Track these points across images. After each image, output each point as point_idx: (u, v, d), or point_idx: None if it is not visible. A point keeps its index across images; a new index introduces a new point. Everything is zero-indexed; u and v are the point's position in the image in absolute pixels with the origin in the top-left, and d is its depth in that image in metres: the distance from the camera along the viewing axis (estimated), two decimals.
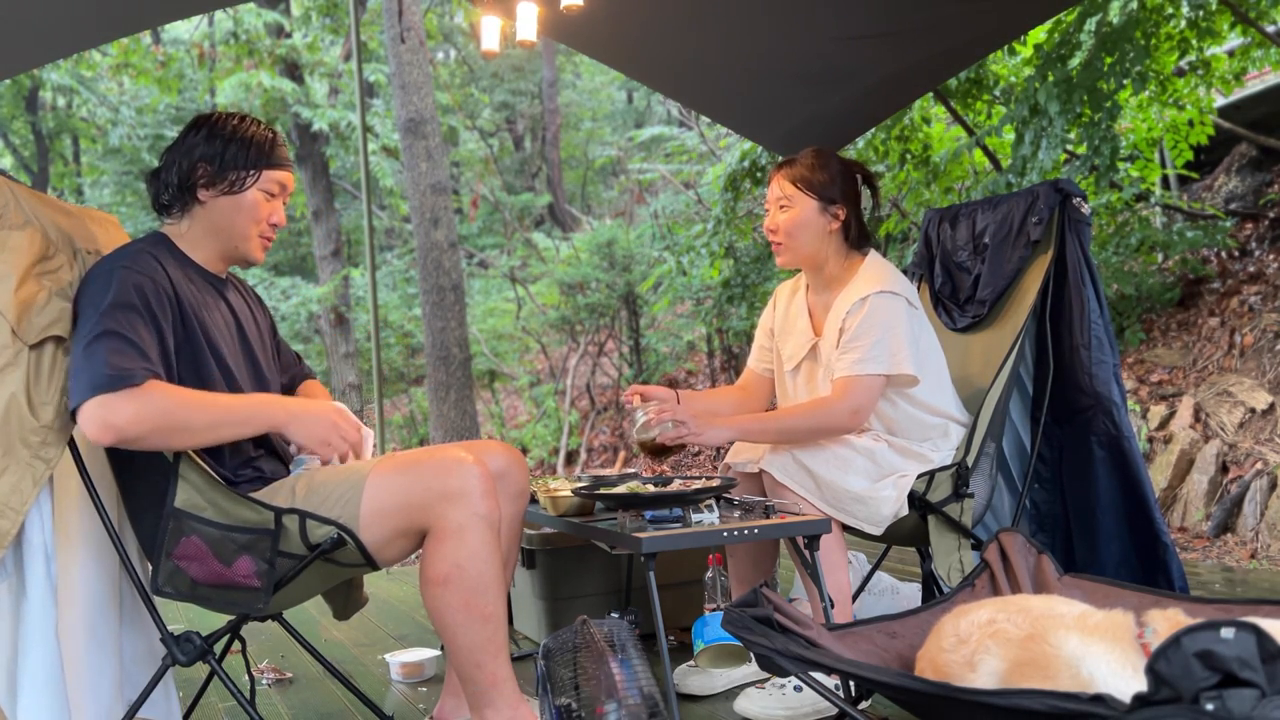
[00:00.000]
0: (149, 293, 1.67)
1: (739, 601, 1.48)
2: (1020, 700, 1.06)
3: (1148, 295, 5.52)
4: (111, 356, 1.56)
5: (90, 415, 1.54)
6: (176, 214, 1.83)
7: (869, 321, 2.15)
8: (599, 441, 9.85)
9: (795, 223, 2.27)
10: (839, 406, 2.13)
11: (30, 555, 1.65)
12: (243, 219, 1.81)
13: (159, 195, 1.83)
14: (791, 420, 2.16)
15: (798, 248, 2.29)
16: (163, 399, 1.58)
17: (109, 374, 1.55)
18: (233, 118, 1.82)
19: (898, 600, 2.71)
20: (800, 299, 2.41)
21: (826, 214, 2.27)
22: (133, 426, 1.54)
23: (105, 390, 1.54)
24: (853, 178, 2.31)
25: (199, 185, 1.79)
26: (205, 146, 1.78)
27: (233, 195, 1.80)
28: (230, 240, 1.84)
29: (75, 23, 2.61)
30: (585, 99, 17.05)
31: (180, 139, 1.82)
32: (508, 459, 1.92)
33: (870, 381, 2.13)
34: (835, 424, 2.14)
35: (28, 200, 1.73)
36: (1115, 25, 4.53)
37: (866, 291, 2.19)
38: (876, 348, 2.14)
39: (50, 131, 14.85)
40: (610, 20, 2.93)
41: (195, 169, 1.78)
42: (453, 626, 1.63)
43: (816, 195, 2.26)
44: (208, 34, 13.00)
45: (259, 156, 1.80)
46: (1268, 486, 4.03)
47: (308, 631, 2.86)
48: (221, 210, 1.81)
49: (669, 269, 8.11)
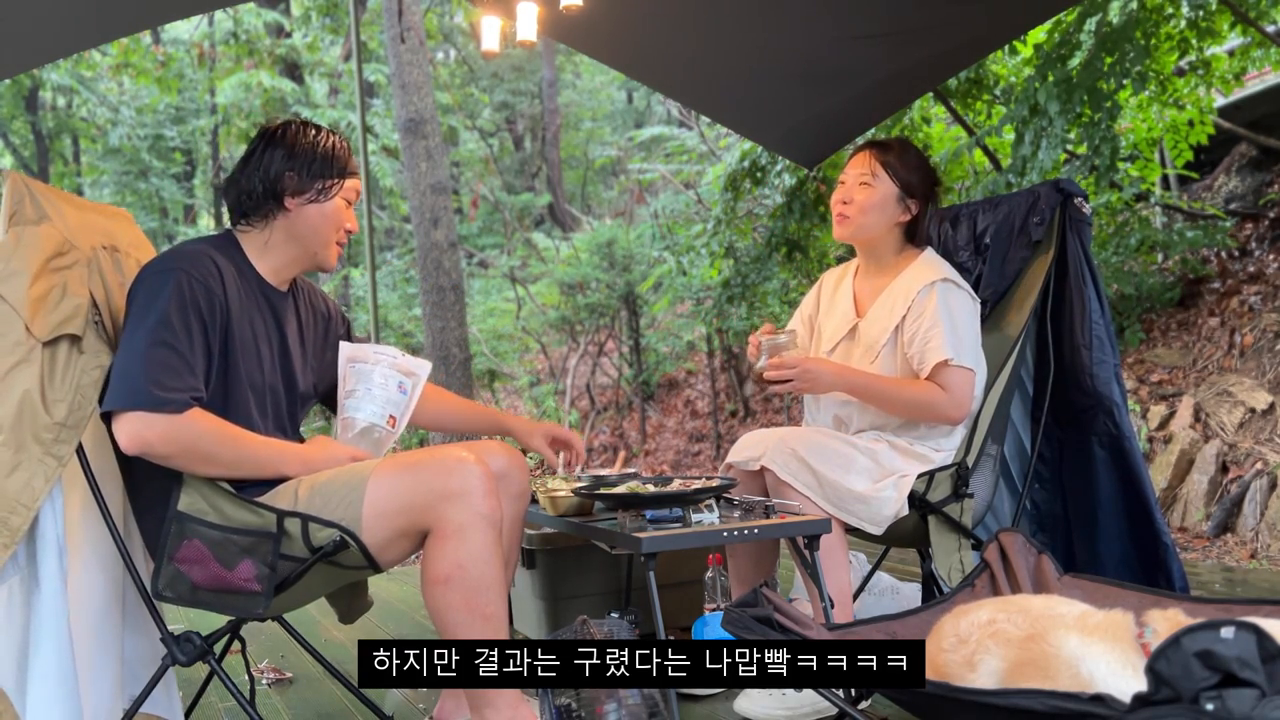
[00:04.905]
0: (202, 301, 1.68)
1: (739, 601, 1.48)
2: (1020, 700, 1.07)
3: (1148, 295, 5.52)
4: (160, 373, 1.60)
5: (125, 426, 1.59)
6: (259, 221, 1.84)
7: (943, 309, 2.19)
8: (599, 441, 9.85)
9: (872, 201, 2.30)
10: (947, 399, 2.16)
11: (43, 549, 1.64)
12: (327, 226, 1.85)
13: (241, 203, 1.83)
14: (902, 393, 2.19)
15: (866, 225, 2.32)
16: (199, 429, 1.63)
17: (154, 393, 1.59)
18: (310, 127, 1.86)
19: (898, 600, 2.71)
20: (847, 284, 2.45)
21: (902, 203, 2.32)
22: (163, 446, 1.60)
23: (146, 408, 1.58)
24: (933, 179, 2.35)
25: (286, 193, 1.81)
26: (291, 156, 1.81)
27: (319, 203, 1.83)
28: (312, 247, 1.86)
29: (75, 23, 2.61)
30: (585, 99, 17.05)
31: (260, 149, 1.83)
32: (508, 459, 1.92)
33: (968, 375, 2.18)
34: (942, 414, 2.18)
35: (43, 196, 1.72)
36: (1115, 25, 4.53)
37: (933, 278, 2.23)
38: (949, 335, 2.17)
39: (50, 131, 14.85)
40: (610, 20, 2.93)
41: (282, 178, 1.80)
42: (454, 626, 1.63)
43: (900, 183, 2.30)
44: (208, 34, 13.01)
45: (342, 165, 1.85)
46: (1268, 486, 4.03)
47: (308, 632, 2.86)
48: (307, 218, 1.83)
49: (669, 269, 8.12)
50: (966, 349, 2.19)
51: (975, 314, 2.27)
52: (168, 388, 1.60)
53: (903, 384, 2.22)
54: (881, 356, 2.27)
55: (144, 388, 1.58)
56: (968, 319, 2.23)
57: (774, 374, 2.16)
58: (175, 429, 1.60)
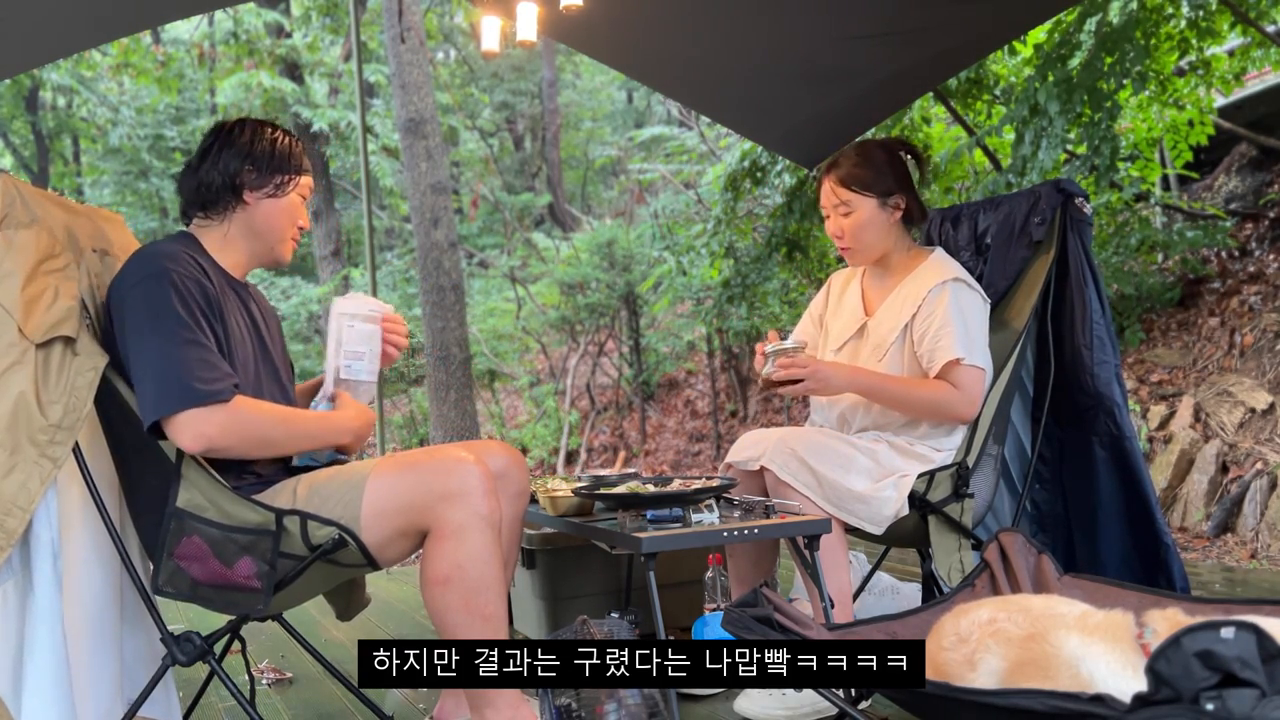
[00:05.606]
0: (198, 296, 1.70)
1: (739, 601, 1.48)
2: (1020, 700, 1.06)
3: (1148, 295, 5.52)
4: (199, 369, 1.62)
5: (186, 428, 1.61)
6: (217, 215, 1.86)
7: (954, 308, 2.19)
8: (599, 441, 9.85)
9: (860, 224, 2.28)
10: (959, 397, 2.16)
11: (37, 553, 1.64)
12: (284, 220, 1.88)
13: (198, 194, 1.85)
14: (915, 393, 2.19)
15: (869, 248, 2.31)
16: (250, 413, 1.67)
17: (201, 389, 1.61)
18: (266, 126, 1.89)
19: (898, 600, 2.71)
20: (855, 284, 2.45)
21: (887, 207, 2.29)
22: (223, 439, 1.63)
23: (197, 404, 1.61)
24: (899, 159, 2.32)
25: (245, 187, 1.83)
26: (251, 151, 1.84)
27: (276, 198, 1.86)
28: (268, 241, 1.88)
29: (75, 23, 2.61)
30: (585, 99, 17.05)
31: (221, 143, 1.85)
32: (508, 459, 1.92)
33: (979, 374, 2.18)
34: (954, 413, 2.18)
35: (33, 199, 1.73)
36: (1115, 25, 4.53)
37: (944, 277, 2.23)
38: (961, 334, 2.17)
39: (50, 131, 14.86)
40: (610, 20, 2.92)
41: (242, 171, 1.83)
42: (453, 626, 1.63)
43: (874, 192, 2.27)
44: (208, 34, 13.00)
45: (298, 162, 1.89)
46: (1268, 486, 4.03)
47: (308, 631, 2.86)
48: (265, 212, 1.86)
49: (669, 269, 8.11)
50: (977, 348, 2.19)
51: (985, 314, 2.27)
52: (210, 381, 1.62)
53: (915, 383, 2.22)
54: (889, 355, 2.27)
55: (190, 385, 1.60)
56: (978, 319, 2.23)
57: (784, 374, 2.15)
58: (231, 418, 1.63)
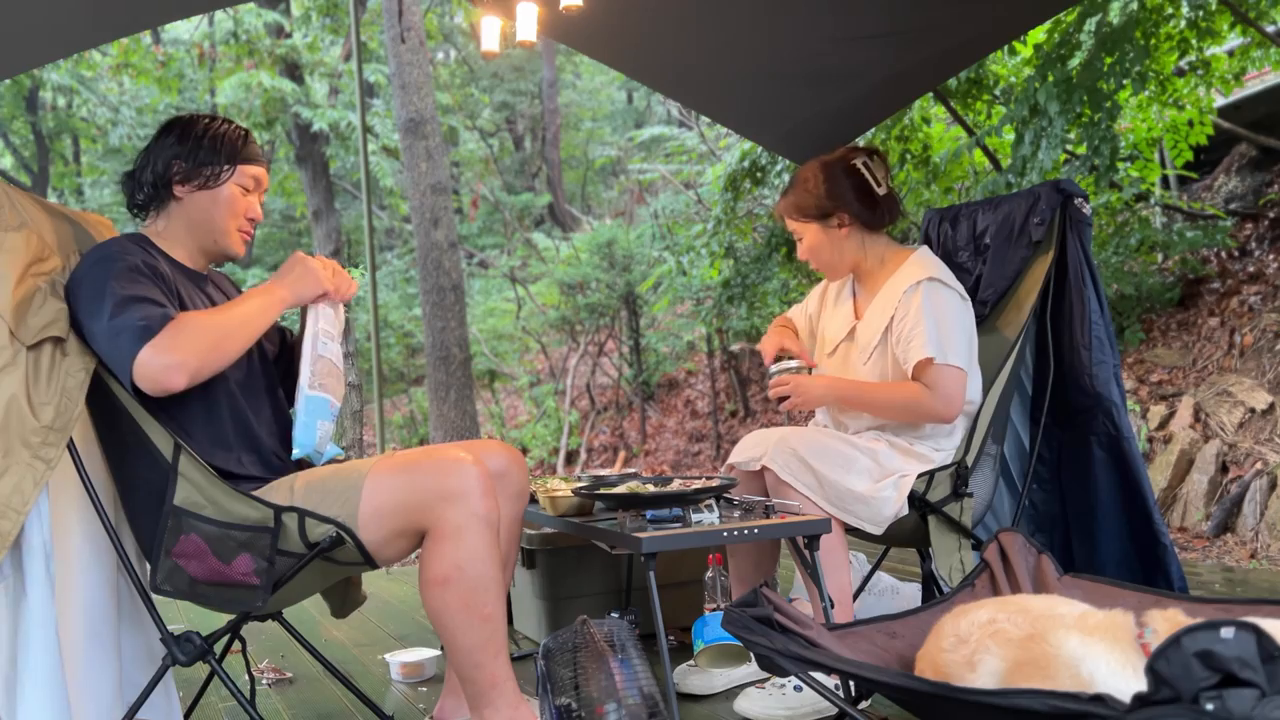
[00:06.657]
0: (145, 270, 1.71)
1: (739, 601, 1.48)
2: (1020, 700, 1.06)
3: (1148, 295, 5.52)
4: (137, 314, 1.62)
5: (148, 364, 1.59)
6: (154, 213, 1.87)
7: (926, 307, 2.19)
8: (599, 441, 9.85)
9: (812, 248, 2.37)
10: (932, 397, 2.17)
11: (30, 556, 1.64)
12: (221, 213, 1.86)
13: (135, 195, 1.87)
14: (886, 396, 2.23)
15: (832, 265, 2.38)
16: (196, 323, 1.66)
17: (143, 324, 1.61)
18: (203, 118, 1.88)
19: (898, 600, 2.71)
20: (848, 286, 2.47)
21: (830, 227, 2.33)
22: (191, 357, 1.62)
23: (147, 338, 1.60)
24: (839, 176, 2.32)
25: (175, 181, 1.84)
26: (179, 145, 1.83)
27: (209, 190, 1.85)
28: (209, 235, 1.87)
29: (75, 23, 2.60)
30: (585, 99, 17.05)
31: (153, 141, 1.86)
32: (507, 459, 1.92)
33: (954, 373, 2.17)
34: (929, 413, 2.19)
35: (22, 202, 1.74)
36: (1115, 25, 4.53)
37: (919, 277, 2.23)
38: (932, 334, 2.17)
39: (50, 131, 14.84)
40: (610, 20, 2.92)
41: (170, 166, 1.83)
42: (452, 627, 1.63)
43: (813, 218, 2.33)
44: (208, 34, 12.99)
45: (232, 152, 1.86)
46: (1267, 486, 4.03)
47: (308, 631, 2.86)
48: (199, 205, 1.85)
49: (669, 269, 8.11)
50: (953, 347, 2.17)
51: (964, 312, 2.25)
52: (150, 315, 1.62)
53: (888, 388, 2.24)
54: (873, 358, 2.28)
55: (136, 329, 1.60)
56: (955, 317, 2.21)
57: (774, 392, 2.31)
58: (183, 337, 1.62)
